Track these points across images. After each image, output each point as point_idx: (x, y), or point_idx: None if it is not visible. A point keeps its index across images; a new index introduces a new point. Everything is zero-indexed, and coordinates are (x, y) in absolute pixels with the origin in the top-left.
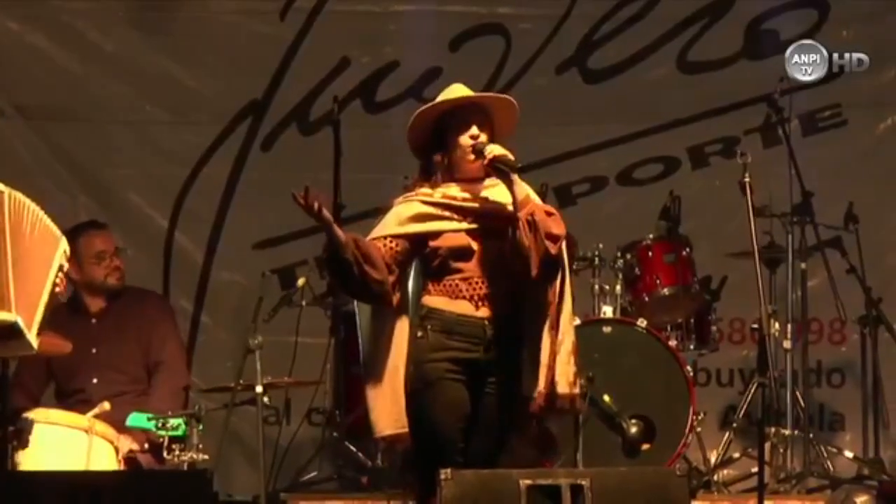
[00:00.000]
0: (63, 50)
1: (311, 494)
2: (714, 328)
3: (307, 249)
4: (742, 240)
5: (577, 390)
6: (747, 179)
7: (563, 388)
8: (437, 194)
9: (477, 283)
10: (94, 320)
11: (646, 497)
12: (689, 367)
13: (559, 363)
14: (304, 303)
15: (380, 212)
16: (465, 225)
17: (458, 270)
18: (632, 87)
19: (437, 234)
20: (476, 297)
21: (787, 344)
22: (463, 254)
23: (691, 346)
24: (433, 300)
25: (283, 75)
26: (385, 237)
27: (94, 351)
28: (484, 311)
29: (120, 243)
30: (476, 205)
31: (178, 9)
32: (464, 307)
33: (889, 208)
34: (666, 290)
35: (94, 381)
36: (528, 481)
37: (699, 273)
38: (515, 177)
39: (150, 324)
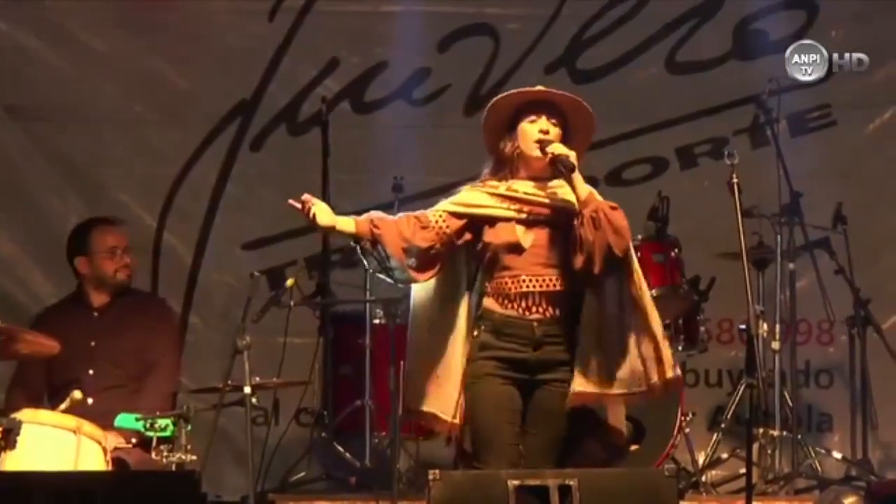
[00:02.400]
0: (53, 50)
1: (300, 495)
2: (702, 329)
3: (296, 250)
4: (730, 240)
5: (678, 372)
6: (735, 180)
7: (670, 372)
8: (503, 187)
9: (525, 280)
10: (95, 314)
11: (634, 498)
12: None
13: (663, 347)
14: (292, 303)
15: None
16: (524, 216)
17: (508, 268)
18: (621, 87)
19: (492, 223)
20: (524, 296)
21: (775, 345)
22: (513, 249)
23: (680, 347)
24: (488, 301)
25: (272, 76)
26: (440, 212)
27: (92, 344)
28: (534, 312)
29: None
30: (541, 199)
31: (168, 9)
32: (513, 308)
33: (878, 209)
34: (654, 291)
35: (91, 372)
36: (517, 482)
37: (688, 273)
38: (577, 175)
39: (151, 326)
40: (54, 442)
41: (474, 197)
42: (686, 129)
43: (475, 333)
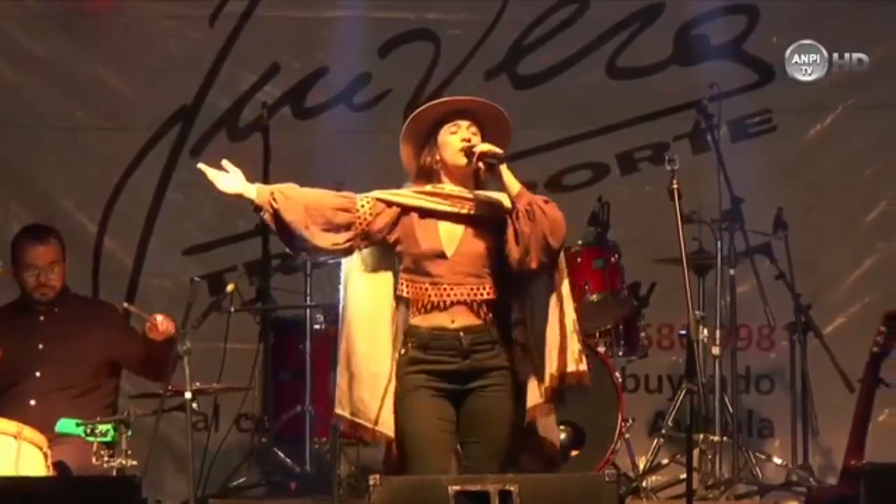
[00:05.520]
0: None
1: (240, 500)
2: (643, 334)
3: (236, 255)
4: (671, 246)
5: (584, 367)
6: (676, 186)
7: (571, 366)
8: (429, 187)
9: (446, 289)
10: (41, 317)
11: (575, 503)
12: (617, 374)
13: (569, 341)
14: (232, 308)
15: None
16: (455, 209)
17: (429, 275)
18: (561, 92)
19: (415, 230)
20: (447, 306)
21: (715, 350)
22: (436, 256)
23: (620, 353)
24: (413, 315)
25: (213, 81)
26: (369, 198)
27: (40, 347)
28: (459, 323)
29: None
30: (468, 196)
31: (109, 14)
32: (438, 320)
33: (818, 215)
34: (594, 297)
35: (38, 374)
36: (457, 487)
37: (628, 279)
38: (506, 168)
39: (104, 325)
40: None
41: (401, 192)
42: (627, 134)
43: (402, 351)
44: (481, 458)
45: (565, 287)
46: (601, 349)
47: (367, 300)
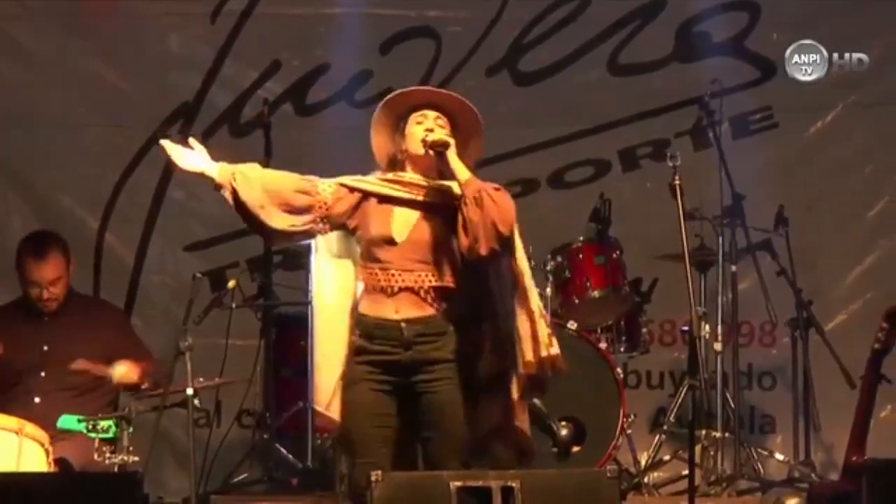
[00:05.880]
0: None
1: (242, 496)
2: (644, 330)
3: (238, 252)
4: (673, 242)
5: (555, 350)
6: (678, 182)
7: (543, 351)
8: (390, 175)
9: (395, 275)
10: (46, 318)
11: (576, 499)
12: (619, 370)
13: (538, 326)
14: (234, 305)
15: None
16: (412, 196)
17: (379, 260)
18: (563, 89)
19: (370, 216)
20: (394, 293)
21: (717, 346)
22: (386, 242)
23: (622, 349)
24: (363, 302)
25: (214, 78)
26: (332, 183)
27: (45, 348)
28: (403, 312)
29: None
30: (425, 183)
31: (110, 12)
32: (383, 309)
33: (820, 211)
34: (596, 293)
35: (42, 374)
36: (459, 483)
37: (629, 275)
38: (454, 156)
39: (108, 328)
40: None
41: (366, 178)
42: (628, 131)
43: (352, 338)
44: (439, 455)
45: (527, 274)
46: (603, 345)
47: (332, 286)
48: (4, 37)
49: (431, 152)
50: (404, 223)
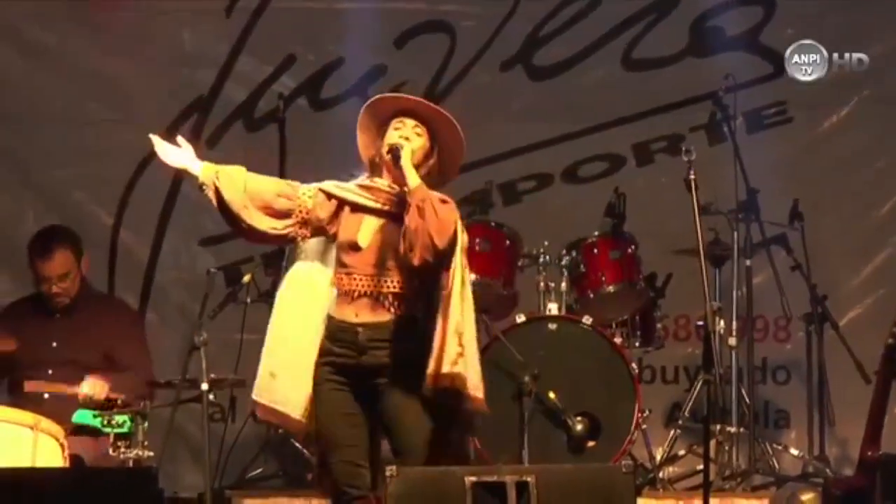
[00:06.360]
0: (5, 49)
1: (257, 491)
2: (659, 325)
3: (252, 247)
4: (687, 237)
5: (458, 369)
6: (692, 177)
7: (445, 367)
8: (366, 182)
9: (357, 279)
10: (56, 315)
11: (591, 494)
12: (634, 365)
13: (447, 344)
14: (249, 300)
15: None
16: (378, 205)
17: (345, 265)
18: (577, 84)
19: (342, 220)
20: (355, 297)
21: (732, 341)
22: (351, 247)
23: (636, 344)
24: (332, 307)
25: (229, 72)
26: (312, 189)
27: (54, 345)
28: (361, 316)
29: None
30: (391, 189)
31: (123, 6)
32: (345, 312)
33: (834, 205)
34: (611, 288)
35: (50, 372)
36: (474, 478)
37: (644, 270)
38: (407, 164)
39: (114, 327)
40: (11, 438)
41: (343, 186)
42: (643, 125)
43: (323, 340)
44: (405, 450)
45: (457, 288)
46: (618, 340)
47: (305, 288)
48: (18, 34)
49: (389, 157)
50: (370, 229)
